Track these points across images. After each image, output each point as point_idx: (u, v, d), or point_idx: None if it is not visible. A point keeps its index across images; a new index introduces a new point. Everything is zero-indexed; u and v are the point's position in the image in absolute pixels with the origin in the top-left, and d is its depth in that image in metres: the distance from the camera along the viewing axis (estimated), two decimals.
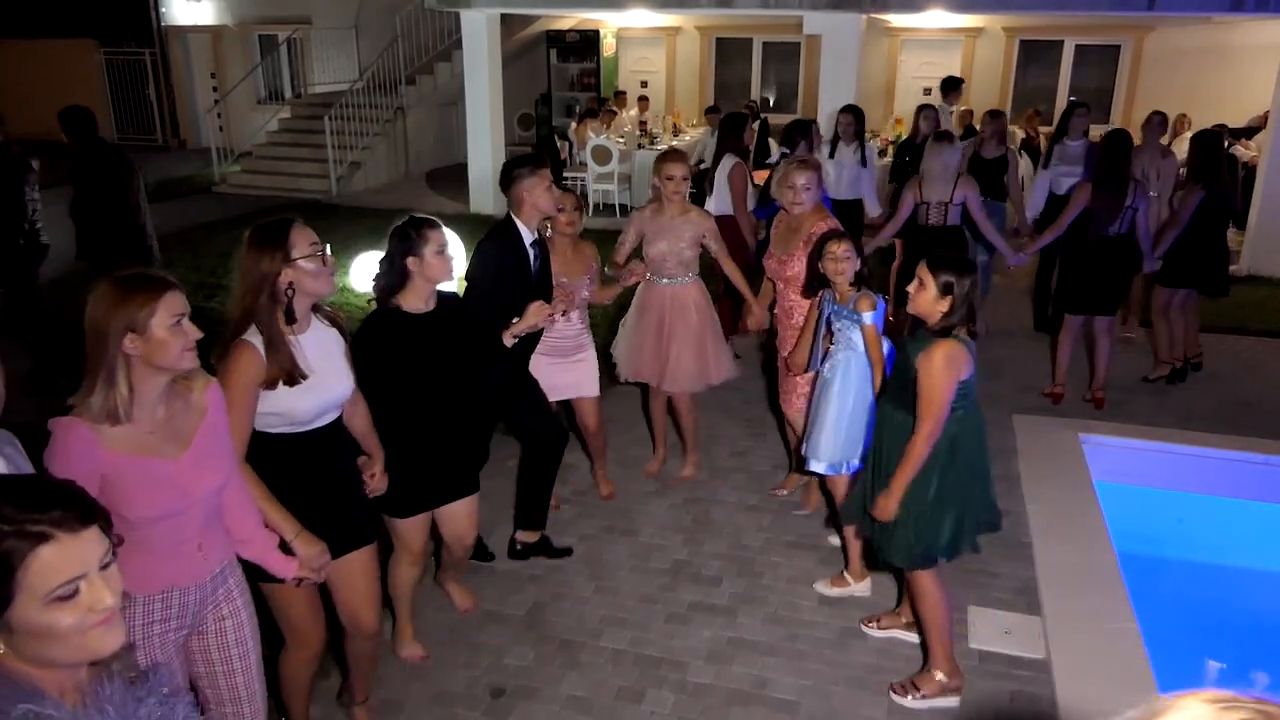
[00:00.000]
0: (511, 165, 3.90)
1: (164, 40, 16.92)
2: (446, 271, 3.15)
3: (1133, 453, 5.39)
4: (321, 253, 2.70)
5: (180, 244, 10.15)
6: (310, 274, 2.66)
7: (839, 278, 3.88)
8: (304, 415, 2.72)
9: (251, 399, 2.59)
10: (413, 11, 13.44)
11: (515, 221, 3.88)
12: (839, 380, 4.00)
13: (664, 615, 3.94)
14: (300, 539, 2.65)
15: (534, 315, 3.45)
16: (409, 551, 3.42)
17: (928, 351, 3.09)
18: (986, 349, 6.97)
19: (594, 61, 14.29)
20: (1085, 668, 3.56)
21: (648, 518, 4.72)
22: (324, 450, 2.82)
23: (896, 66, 14.01)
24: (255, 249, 2.62)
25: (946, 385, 3.08)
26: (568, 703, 3.44)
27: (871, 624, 3.86)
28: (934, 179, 5.93)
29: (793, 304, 4.44)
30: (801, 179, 4.31)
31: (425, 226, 3.13)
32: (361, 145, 13.51)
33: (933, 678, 3.43)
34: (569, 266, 4.31)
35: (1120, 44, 13.01)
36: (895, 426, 3.27)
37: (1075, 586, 4.06)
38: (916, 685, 3.45)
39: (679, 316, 4.73)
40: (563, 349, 4.39)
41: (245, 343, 2.59)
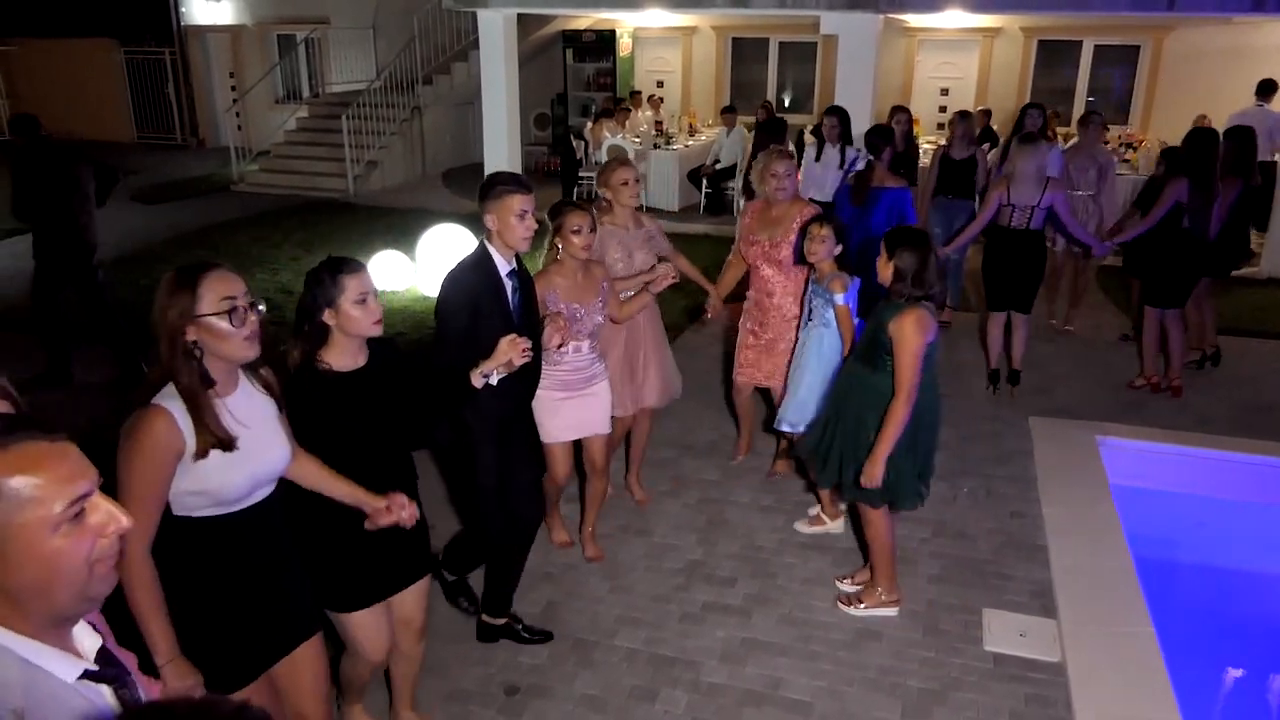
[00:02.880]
0: (490, 181, 3.39)
1: (184, 40, 17.06)
2: (369, 324, 2.61)
3: (1150, 456, 5.36)
4: (236, 309, 2.20)
5: (199, 243, 10.24)
6: (219, 335, 2.18)
7: (814, 257, 4.27)
8: (235, 492, 2.28)
9: (163, 479, 2.16)
10: (430, 11, 13.49)
11: (489, 249, 3.37)
12: (813, 353, 4.41)
13: (678, 615, 3.95)
14: (172, 665, 2.18)
15: (505, 352, 2.90)
16: (364, 655, 2.89)
17: (898, 319, 3.45)
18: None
19: (610, 61, 14.30)
20: (1101, 672, 3.54)
21: (662, 517, 4.73)
22: (257, 532, 2.38)
23: (913, 67, 13.95)
24: (165, 294, 2.19)
25: (918, 348, 3.43)
26: (581, 701, 3.45)
27: (845, 580, 4.18)
28: (1025, 181, 5.76)
29: (775, 285, 4.74)
30: (781, 168, 4.62)
31: (343, 272, 2.59)
32: (378, 145, 13.57)
33: (875, 594, 3.94)
34: (578, 292, 3.85)
35: (1140, 44, 12.90)
36: (863, 384, 3.65)
37: (1091, 590, 4.04)
38: (860, 599, 3.97)
39: (650, 330, 4.57)
40: (573, 383, 3.96)
41: (157, 408, 2.15)
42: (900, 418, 3.47)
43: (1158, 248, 6.06)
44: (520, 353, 2.91)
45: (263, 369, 2.41)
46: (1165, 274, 6.07)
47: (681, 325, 7.57)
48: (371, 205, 12.17)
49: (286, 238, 10.41)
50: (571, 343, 3.79)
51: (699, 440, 5.56)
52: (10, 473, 1.24)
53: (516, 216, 3.28)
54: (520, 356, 2.91)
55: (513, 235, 3.31)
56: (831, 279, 4.26)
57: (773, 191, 4.65)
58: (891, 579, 3.94)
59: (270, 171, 13.83)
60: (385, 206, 12.02)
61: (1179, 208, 5.84)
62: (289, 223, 11.22)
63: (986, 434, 5.64)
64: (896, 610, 3.93)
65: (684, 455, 5.35)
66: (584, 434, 4.07)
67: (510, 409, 3.47)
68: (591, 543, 4.38)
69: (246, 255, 9.64)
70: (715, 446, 5.46)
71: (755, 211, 4.83)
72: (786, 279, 4.72)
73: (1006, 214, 5.85)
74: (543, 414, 3.90)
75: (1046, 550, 4.37)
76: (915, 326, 3.42)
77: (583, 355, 3.94)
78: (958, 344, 7.11)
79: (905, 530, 4.58)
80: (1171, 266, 6.03)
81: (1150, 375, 6.31)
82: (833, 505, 4.56)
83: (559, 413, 3.94)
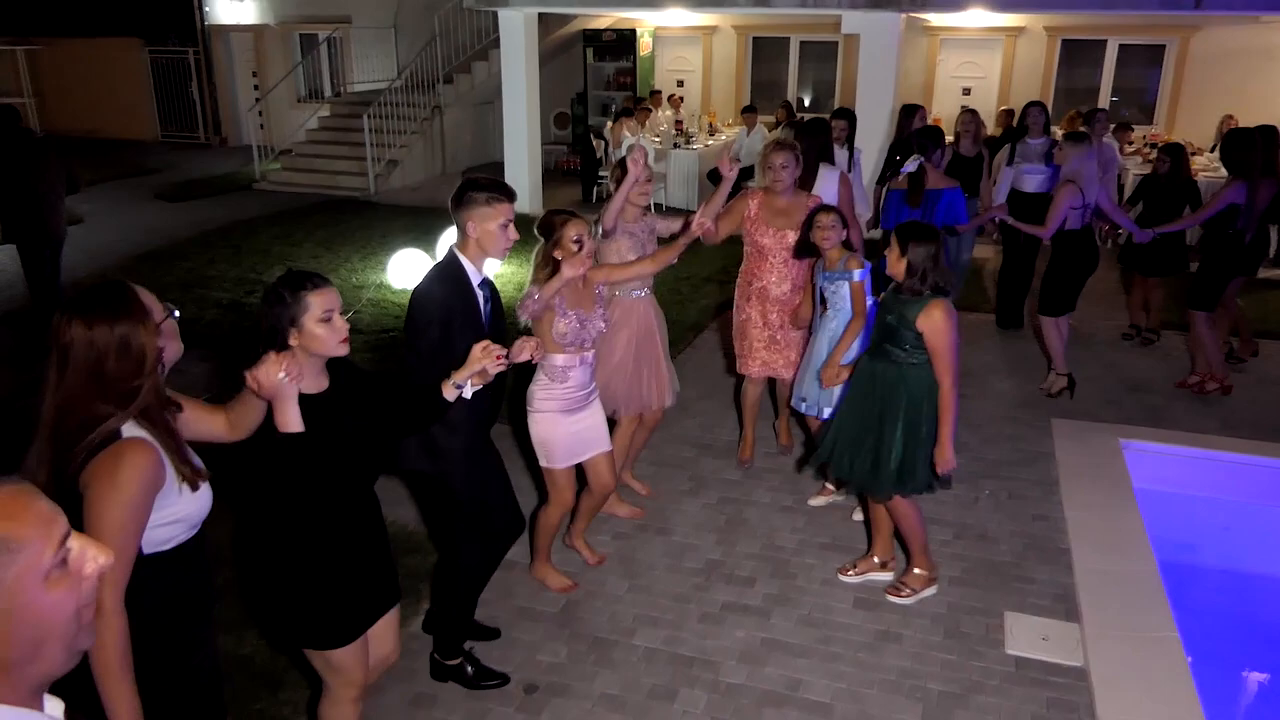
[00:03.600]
0: (468, 185, 3.16)
1: (207, 39, 17.19)
2: (334, 343, 2.44)
3: (1175, 459, 5.31)
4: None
5: (221, 240, 10.32)
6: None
7: (825, 244, 4.37)
8: (202, 512, 2.22)
9: (145, 519, 2.02)
10: (451, 11, 13.53)
11: (460, 259, 3.18)
12: (828, 339, 4.50)
13: (697, 615, 3.94)
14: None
15: (478, 359, 2.72)
16: (348, 687, 2.70)
17: (927, 312, 3.57)
18: (1023, 350, 6.95)
19: (630, 61, 14.30)
20: (1124, 677, 3.51)
21: (681, 517, 4.72)
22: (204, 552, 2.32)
23: (935, 66, 13.87)
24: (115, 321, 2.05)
25: (952, 336, 3.57)
26: (600, 700, 3.45)
27: (849, 572, 4.20)
28: (1091, 179, 5.78)
29: (783, 274, 4.79)
30: (779, 159, 4.66)
31: (305, 288, 2.40)
32: (399, 143, 13.62)
33: (916, 575, 4.02)
34: (581, 299, 3.69)
35: (1165, 44, 12.78)
36: (883, 377, 3.75)
37: (1115, 594, 4.00)
38: (907, 584, 4.03)
39: (656, 328, 4.51)
40: (578, 399, 3.76)
41: (137, 442, 2.02)
42: (952, 402, 3.63)
43: (1207, 249, 6.12)
44: (494, 360, 2.72)
45: None
46: (1211, 276, 6.06)
47: (701, 324, 7.56)
48: (392, 204, 12.22)
49: (308, 236, 10.48)
50: (577, 355, 3.69)
51: (718, 440, 5.55)
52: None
53: (500, 226, 3.13)
54: (495, 365, 2.73)
55: (495, 245, 3.14)
56: (848, 258, 4.39)
57: (771, 182, 4.72)
58: (926, 556, 4.04)
59: (292, 170, 13.92)
60: (405, 205, 12.07)
61: (1233, 210, 5.84)
62: (310, 221, 11.28)
63: (1007, 436, 5.60)
64: (935, 588, 4.06)
65: (703, 455, 5.34)
66: (590, 454, 3.87)
67: (482, 425, 3.35)
68: (586, 546, 4.30)
69: (267, 253, 9.71)
70: (734, 447, 5.44)
71: (761, 201, 4.79)
72: (797, 268, 4.78)
73: (1077, 216, 5.81)
74: (547, 439, 3.74)
75: (1069, 554, 4.33)
76: (946, 316, 3.56)
77: (587, 366, 3.76)
78: (975, 345, 7.07)
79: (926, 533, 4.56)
80: (1218, 268, 6.05)
81: (1203, 372, 6.28)
82: None
83: (564, 437, 3.75)
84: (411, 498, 4.70)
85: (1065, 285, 6.04)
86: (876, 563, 4.19)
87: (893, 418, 3.73)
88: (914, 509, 3.94)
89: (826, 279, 4.48)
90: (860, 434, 3.84)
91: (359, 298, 8.11)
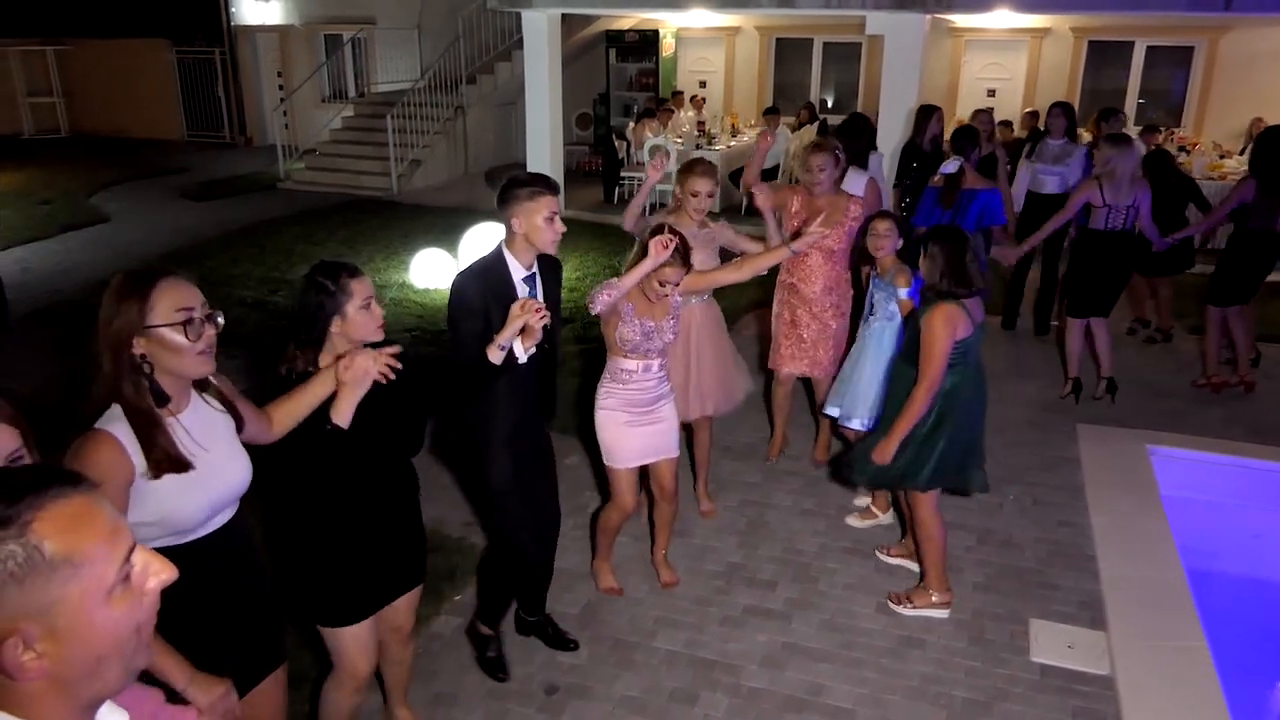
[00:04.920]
0: (512, 183, 3.21)
1: (233, 40, 17.34)
2: (374, 329, 2.52)
3: (1203, 466, 5.24)
4: (193, 321, 2.03)
5: (245, 239, 10.39)
6: (172, 349, 2.02)
7: (879, 253, 4.33)
8: (191, 518, 2.10)
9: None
10: (475, 11, 13.58)
11: (505, 254, 3.23)
12: (873, 345, 4.49)
13: (718, 618, 3.92)
14: (195, 685, 2.02)
15: (517, 316, 2.75)
16: (352, 675, 2.75)
17: (928, 314, 3.59)
18: (1047, 353, 6.89)
19: (653, 61, 14.29)
20: (1151, 686, 3.46)
21: (701, 520, 4.70)
22: (219, 561, 2.19)
23: (960, 68, 13.78)
24: (113, 301, 2.02)
25: (944, 342, 3.54)
26: (621, 702, 3.44)
27: (883, 551, 4.36)
28: (1122, 181, 5.68)
29: (817, 274, 4.80)
30: (818, 160, 4.68)
31: (345, 275, 2.48)
32: (422, 144, 13.68)
33: (926, 595, 3.97)
34: (648, 307, 3.64)
35: (1194, 45, 12.62)
36: (903, 379, 3.76)
37: (1141, 602, 3.95)
38: (911, 599, 3.99)
39: (707, 337, 4.43)
40: (639, 403, 3.72)
41: (100, 434, 1.97)
42: (919, 405, 3.59)
43: (1228, 247, 6.12)
44: (535, 314, 2.73)
45: (216, 380, 2.23)
46: (1231, 272, 6.05)
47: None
48: (414, 204, 12.27)
49: (331, 235, 10.54)
50: (640, 362, 3.65)
51: (739, 441, 5.53)
52: (54, 537, 1.05)
53: (545, 219, 3.15)
54: (536, 318, 2.74)
55: (541, 238, 3.17)
56: (895, 273, 4.31)
57: (812, 184, 4.75)
58: (943, 580, 3.95)
59: (316, 170, 14.01)
60: (428, 205, 12.11)
61: (1244, 208, 5.87)
62: (333, 220, 11.35)
63: (1032, 441, 5.55)
64: (947, 613, 3.93)
65: (724, 457, 5.32)
66: (653, 458, 3.84)
67: (525, 421, 3.34)
68: (666, 566, 4.17)
69: (291, 252, 9.77)
70: (755, 449, 5.43)
71: (802, 200, 4.83)
72: (831, 268, 4.80)
73: (1102, 215, 5.74)
74: (609, 437, 3.74)
75: (1095, 560, 4.28)
76: (942, 321, 3.54)
77: (651, 374, 3.71)
78: (996, 348, 7.01)
79: (949, 537, 4.50)
80: (1237, 265, 6.03)
81: (1213, 375, 6.25)
82: (882, 497, 4.67)
83: (626, 436, 3.72)
84: (458, 484, 4.86)
85: (1090, 286, 5.98)
86: (909, 550, 4.24)
87: (935, 420, 3.69)
88: (938, 523, 3.88)
89: (878, 286, 4.48)
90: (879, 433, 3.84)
91: (382, 297, 8.14)
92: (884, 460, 3.68)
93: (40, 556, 1.03)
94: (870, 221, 4.40)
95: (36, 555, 1.03)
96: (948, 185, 5.62)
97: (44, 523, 1.04)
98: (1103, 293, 5.98)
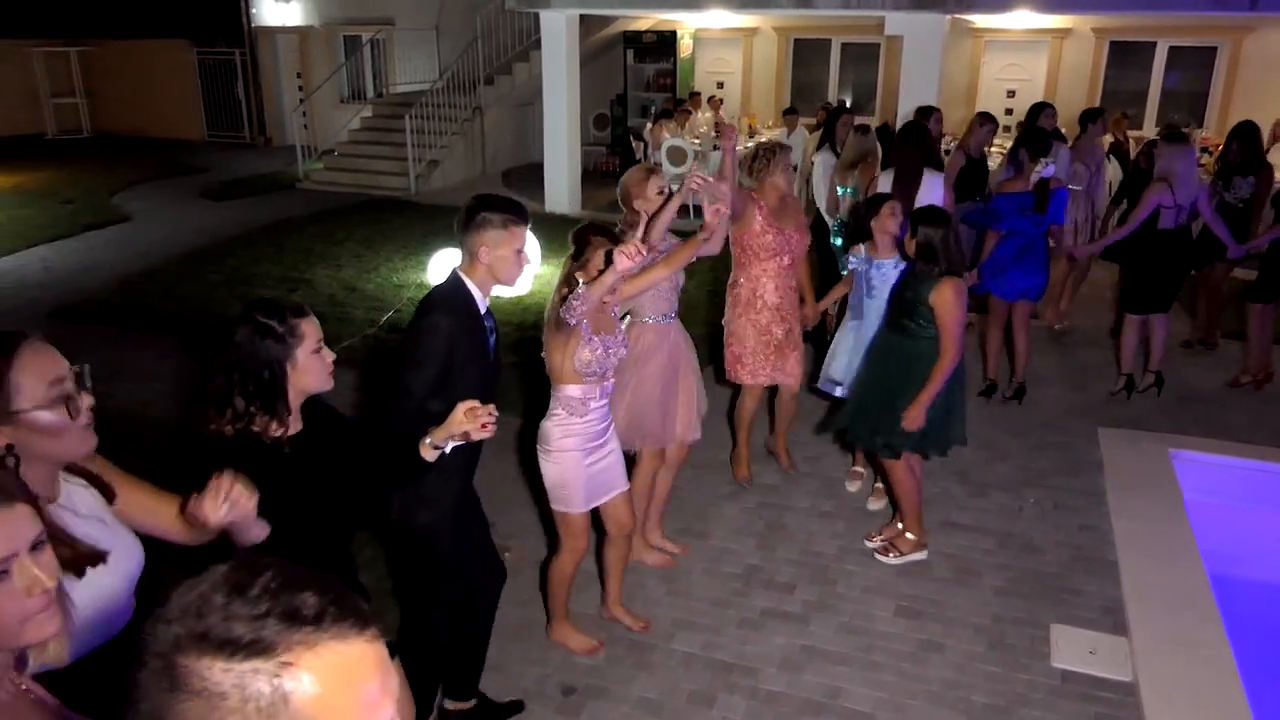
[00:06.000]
0: (481, 204, 2.86)
1: (254, 41, 17.45)
2: (325, 375, 2.27)
3: (1227, 470, 5.18)
4: (68, 395, 1.66)
5: (265, 239, 10.45)
6: (50, 433, 1.66)
7: (886, 234, 4.51)
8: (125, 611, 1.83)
9: None
10: (493, 12, 13.61)
11: (466, 284, 2.87)
12: (873, 321, 4.60)
13: (736, 620, 3.91)
14: None
15: (461, 423, 2.35)
16: None
17: (938, 289, 3.86)
18: (1070, 355, 6.83)
19: (670, 62, 14.29)
20: (1175, 693, 3.42)
21: (720, 521, 4.69)
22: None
23: (979, 68, 13.70)
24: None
25: (960, 313, 3.89)
26: (638, 704, 3.43)
27: (874, 537, 4.44)
28: (1186, 179, 5.67)
29: (792, 277, 4.76)
30: (785, 161, 4.70)
31: (291, 315, 2.20)
32: (440, 144, 13.72)
33: (906, 539, 4.29)
34: (601, 322, 3.33)
35: (1217, 45, 12.51)
36: (899, 349, 4.08)
37: (1165, 607, 3.91)
38: (896, 546, 4.30)
39: (684, 359, 4.16)
40: (596, 434, 3.39)
41: None
42: (945, 371, 3.92)
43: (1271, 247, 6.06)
44: (479, 425, 2.35)
45: None
46: (1273, 270, 6.04)
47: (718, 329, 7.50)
48: (432, 204, 12.31)
49: (349, 235, 10.58)
50: (598, 386, 3.33)
51: (755, 442, 5.49)
52: (310, 689, 0.83)
53: (516, 251, 2.85)
54: (480, 430, 2.36)
55: (508, 271, 2.87)
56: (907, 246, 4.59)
57: (782, 185, 4.66)
58: (918, 522, 4.28)
59: (334, 170, 14.08)
60: (446, 205, 12.13)
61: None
62: (351, 220, 11.40)
63: (1053, 445, 5.50)
64: (925, 553, 4.29)
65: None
66: (608, 495, 3.51)
67: (467, 482, 3.06)
68: (626, 612, 3.86)
69: (310, 251, 9.81)
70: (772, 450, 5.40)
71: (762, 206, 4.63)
72: (787, 273, 4.72)
73: (1170, 215, 5.71)
74: (569, 480, 3.37)
75: (1117, 565, 4.24)
76: (955, 294, 3.87)
77: (605, 398, 3.41)
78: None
79: (968, 541, 4.49)
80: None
81: (1257, 371, 6.25)
82: (860, 454, 5.02)
83: (584, 475, 3.37)
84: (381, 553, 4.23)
85: (1152, 283, 5.93)
86: (910, 539, 4.32)
87: (915, 386, 3.97)
88: (911, 476, 4.22)
89: (877, 268, 4.57)
90: (883, 401, 4.10)
91: (399, 297, 8.17)
92: (915, 425, 3.95)
93: (284, 708, 0.79)
94: (880, 204, 4.55)
95: (280, 706, 0.79)
96: (1040, 191, 5.57)
97: (307, 666, 0.80)
98: (1166, 290, 5.96)
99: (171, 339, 7.10)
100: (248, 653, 0.78)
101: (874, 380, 4.25)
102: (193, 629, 0.79)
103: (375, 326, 7.43)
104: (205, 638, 0.78)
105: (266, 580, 0.82)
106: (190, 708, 0.77)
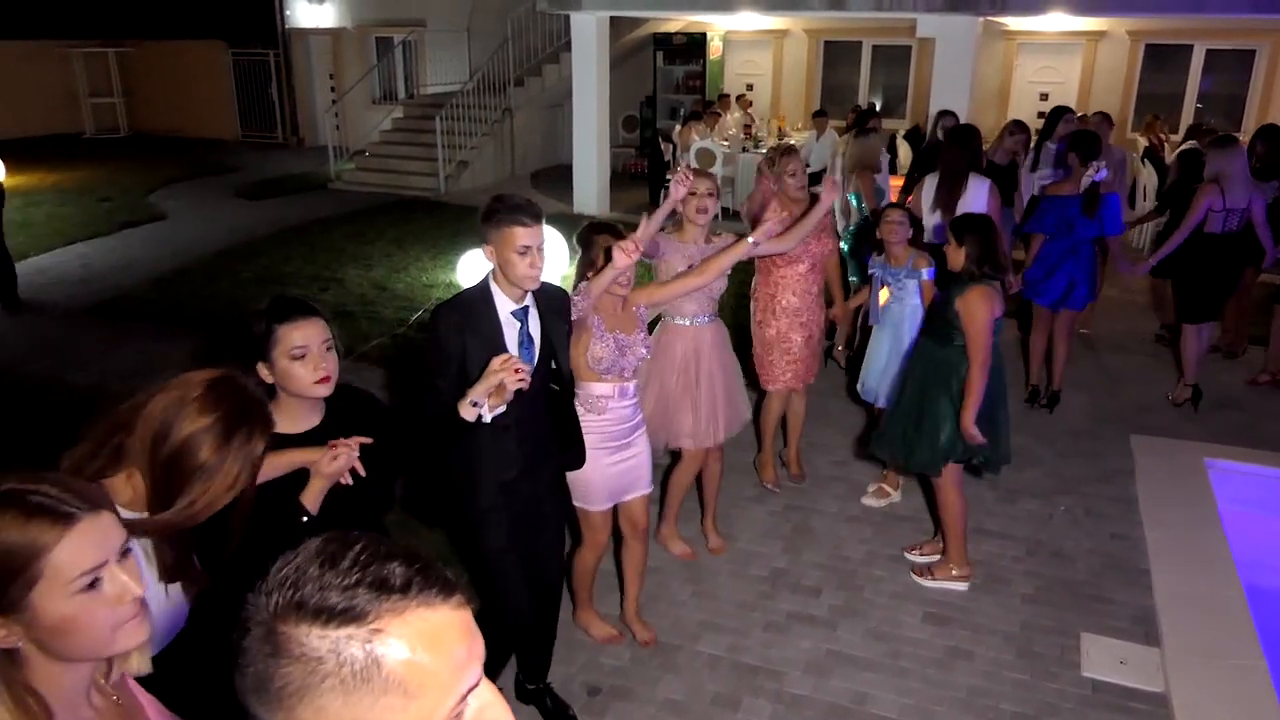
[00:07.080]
0: (488, 206, 2.82)
1: (287, 42, 17.64)
2: (309, 383, 2.22)
3: (1262, 479, 5.10)
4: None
5: (297, 238, 10.56)
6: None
7: (892, 239, 4.50)
8: None
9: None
10: (524, 14, 13.68)
11: (490, 286, 2.87)
12: (890, 330, 4.70)
13: (762, 623, 3.90)
14: None
15: (494, 372, 2.45)
16: None
17: (964, 296, 3.77)
18: (1101, 362, 6.76)
19: (700, 64, 14.29)
20: (1207, 705, 3.37)
21: (747, 524, 4.68)
22: None
23: (1012, 71, 13.58)
24: None
25: (987, 320, 3.75)
26: (663, 705, 3.43)
27: (914, 550, 4.39)
28: (1237, 183, 5.59)
29: (816, 282, 4.71)
30: (792, 165, 4.61)
31: (282, 320, 2.20)
32: (470, 145, 13.80)
33: (947, 568, 4.15)
34: (621, 321, 3.36)
35: (1255, 48, 12.32)
36: (932, 358, 3.96)
37: (1197, 618, 3.85)
38: (933, 571, 4.17)
39: (717, 359, 4.13)
40: (616, 435, 3.39)
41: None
42: (979, 385, 3.79)
43: None
44: (513, 374, 2.43)
45: None
46: None
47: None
48: (461, 204, 12.37)
49: (380, 235, 10.67)
50: (615, 385, 3.34)
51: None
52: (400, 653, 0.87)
53: (517, 252, 2.74)
54: (513, 379, 2.44)
55: (512, 272, 2.78)
56: (916, 258, 4.59)
57: (793, 189, 4.57)
58: (962, 553, 4.12)
59: (365, 170, 14.20)
60: (475, 206, 12.13)
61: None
62: (382, 220, 11.49)
63: (1085, 452, 5.44)
64: (966, 585, 4.12)
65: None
66: (626, 497, 3.51)
67: (512, 469, 3.00)
68: (640, 622, 3.80)
69: (341, 251, 9.91)
70: (801, 452, 5.38)
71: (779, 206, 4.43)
72: (807, 279, 4.65)
73: (1219, 219, 5.63)
74: (585, 477, 3.34)
75: (1149, 575, 4.19)
76: (981, 301, 3.75)
77: (628, 399, 3.40)
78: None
79: (997, 548, 4.46)
80: None
81: (1277, 371, 6.24)
82: (894, 475, 4.88)
83: (604, 474, 3.38)
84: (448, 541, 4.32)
85: (1207, 290, 5.85)
86: (953, 572, 4.15)
87: (947, 395, 3.90)
88: (960, 498, 4.07)
89: (893, 275, 4.61)
90: (919, 414, 3.99)
91: (429, 296, 8.23)
92: (976, 440, 3.82)
93: (377, 671, 0.83)
94: (884, 212, 4.57)
95: (374, 669, 0.83)
96: (1089, 196, 5.49)
97: (397, 632, 0.84)
98: (1217, 296, 5.89)
99: (204, 336, 7.20)
100: (341, 620, 0.82)
101: (909, 391, 4.07)
102: (290, 598, 0.84)
103: (405, 326, 7.49)
104: (302, 606, 0.83)
105: (357, 552, 0.86)
106: (291, 671, 0.82)
